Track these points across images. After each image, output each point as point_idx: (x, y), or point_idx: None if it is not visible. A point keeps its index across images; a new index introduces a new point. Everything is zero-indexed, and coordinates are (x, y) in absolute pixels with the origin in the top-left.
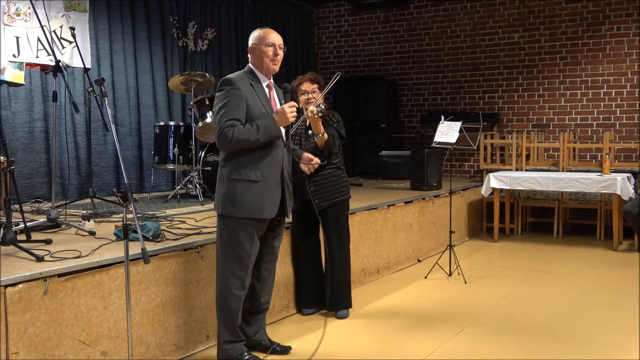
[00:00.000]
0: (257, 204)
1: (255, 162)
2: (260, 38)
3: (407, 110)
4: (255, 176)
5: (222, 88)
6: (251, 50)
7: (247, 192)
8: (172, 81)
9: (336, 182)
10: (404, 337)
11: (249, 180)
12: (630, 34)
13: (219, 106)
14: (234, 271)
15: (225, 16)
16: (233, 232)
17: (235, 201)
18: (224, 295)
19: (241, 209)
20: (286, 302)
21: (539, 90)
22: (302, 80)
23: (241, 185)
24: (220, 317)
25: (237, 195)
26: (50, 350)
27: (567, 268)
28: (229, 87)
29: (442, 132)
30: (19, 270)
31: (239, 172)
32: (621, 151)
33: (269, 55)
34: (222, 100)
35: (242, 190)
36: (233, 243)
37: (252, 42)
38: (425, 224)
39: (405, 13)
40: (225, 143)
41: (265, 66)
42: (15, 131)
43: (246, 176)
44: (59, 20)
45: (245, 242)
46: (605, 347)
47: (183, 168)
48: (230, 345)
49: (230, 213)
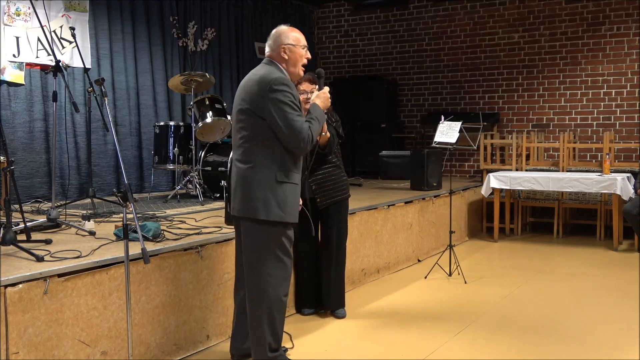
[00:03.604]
0: (297, 207)
1: (296, 166)
2: (296, 39)
3: (407, 110)
4: (297, 179)
5: (281, 89)
6: (287, 49)
7: (294, 194)
8: (172, 81)
9: (336, 180)
10: (404, 337)
11: (294, 183)
12: (630, 34)
13: (286, 109)
14: (280, 278)
15: (225, 16)
16: (278, 238)
17: (286, 205)
18: (272, 305)
19: (290, 212)
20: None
21: (539, 90)
22: (301, 80)
23: (290, 188)
24: (267, 328)
25: (288, 198)
26: (50, 350)
27: (567, 268)
28: (288, 87)
29: (442, 132)
30: (19, 270)
31: (288, 175)
32: (621, 151)
33: (303, 60)
34: (288, 102)
35: (291, 194)
36: (277, 249)
37: (289, 41)
38: (425, 224)
39: (405, 13)
40: (306, 143)
41: (297, 71)
42: (15, 131)
43: (292, 179)
44: (59, 20)
45: (289, 246)
46: (605, 347)
47: (183, 168)
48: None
49: (281, 218)
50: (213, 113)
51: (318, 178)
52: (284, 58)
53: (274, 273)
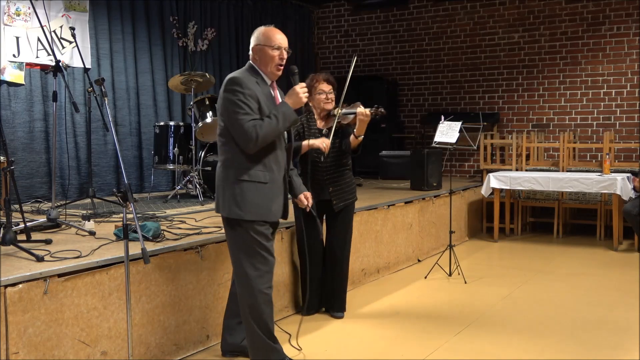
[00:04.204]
0: (266, 206)
1: (264, 164)
2: (266, 39)
3: (407, 110)
4: (264, 177)
5: (232, 88)
6: (255, 50)
7: (256, 194)
8: (172, 81)
9: (349, 183)
10: (404, 337)
11: (258, 181)
12: (630, 34)
13: (233, 109)
14: (259, 271)
15: (225, 16)
16: (247, 235)
17: (244, 203)
18: (253, 301)
19: (250, 211)
20: (286, 302)
21: (539, 90)
22: (319, 79)
23: (251, 186)
24: (254, 325)
25: (246, 197)
26: (50, 350)
27: (567, 268)
28: (239, 87)
29: (442, 132)
30: (19, 270)
31: (248, 174)
32: (621, 151)
33: (275, 61)
34: (236, 102)
35: (251, 192)
36: (251, 245)
37: (257, 41)
38: (425, 224)
39: (405, 13)
40: (253, 143)
41: (270, 71)
42: (15, 131)
43: (255, 177)
44: (59, 20)
45: (263, 240)
46: (605, 347)
47: (183, 168)
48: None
49: (239, 216)
50: (213, 113)
51: (336, 180)
52: (256, 59)
53: (252, 267)
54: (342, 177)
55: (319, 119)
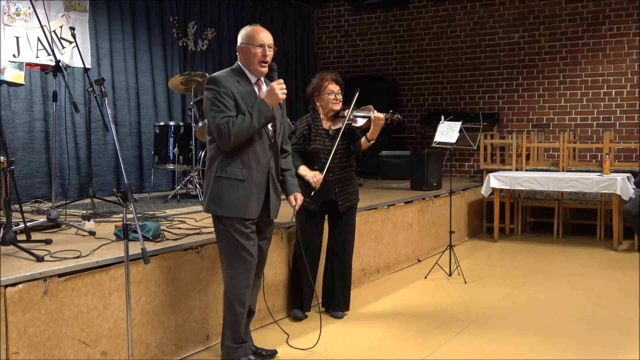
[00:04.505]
0: (242, 203)
1: (242, 161)
2: (249, 37)
3: (407, 110)
4: (241, 175)
5: (209, 87)
6: (240, 49)
7: (232, 190)
8: (172, 81)
9: (354, 183)
10: (404, 337)
11: (234, 178)
12: (630, 34)
13: (209, 107)
14: (236, 271)
15: (225, 16)
16: (225, 231)
17: (220, 200)
18: (230, 296)
19: (225, 207)
20: (285, 302)
21: (539, 90)
22: (328, 79)
23: (227, 183)
24: (226, 319)
25: (222, 193)
26: (50, 350)
27: (567, 268)
28: (215, 85)
29: (442, 132)
30: (19, 270)
31: (225, 170)
32: (621, 151)
33: (258, 57)
34: (210, 100)
35: (227, 189)
36: (229, 242)
37: (241, 40)
38: (425, 224)
39: (405, 13)
40: (225, 139)
41: (254, 68)
42: (15, 131)
43: (232, 174)
44: (59, 20)
45: (241, 239)
46: (605, 347)
47: (183, 168)
48: (236, 346)
49: (215, 212)
50: None
51: (342, 181)
52: (241, 58)
53: (229, 266)
54: (347, 178)
55: (325, 119)
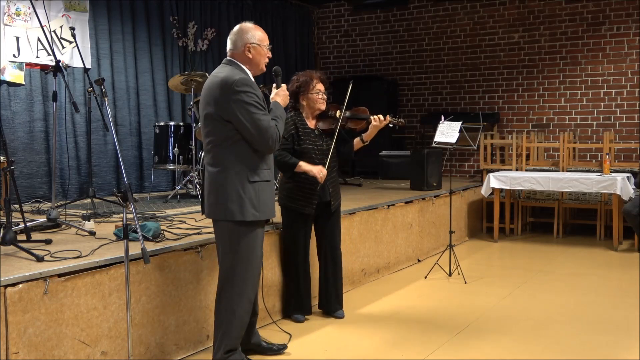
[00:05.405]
0: (271, 204)
1: (267, 162)
2: (261, 39)
3: (407, 110)
4: (269, 176)
5: (244, 90)
6: (252, 47)
7: (266, 193)
8: (172, 81)
9: (338, 182)
10: (403, 337)
11: (266, 180)
12: (630, 34)
13: (251, 109)
14: (247, 279)
15: (225, 16)
16: (247, 238)
17: (259, 204)
18: (234, 305)
19: (264, 211)
20: (285, 303)
21: (539, 90)
22: (316, 78)
23: (262, 186)
24: (227, 326)
25: (261, 197)
26: (50, 350)
27: (567, 268)
28: (250, 88)
29: (442, 132)
30: (19, 270)
31: (258, 174)
32: (621, 151)
33: (266, 59)
34: (252, 103)
35: (263, 192)
36: (246, 250)
37: (254, 40)
38: (425, 224)
39: (405, 13)
40: (275, 141)
41: (261, 68)
42: (15, 131)
43: (264, 177)
44: (59, 20)
45: (258, 247)
46: (605, 347)
47: (183, 168)
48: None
49: (255, 217)
50: None
51: (332, 181)
52: (248, 57)
53: (242, 274)
54: (336, 177)
55: (310, 118)
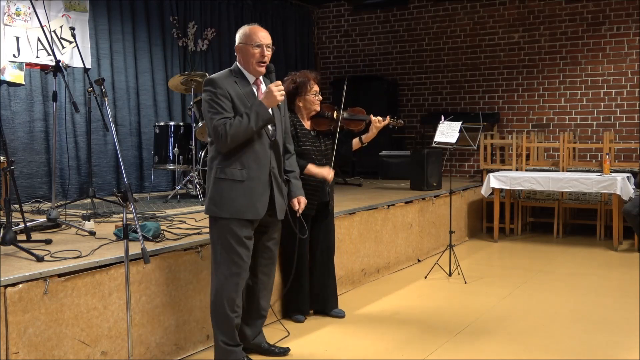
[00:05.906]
0: (243, 203)
1: (240, 161)
2: (247, 37)
3: (407, 110)
4: (240, 176)
5: (206, 89)
6: (238, 49)
7: (232, 191)
8: (172, 81)
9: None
10: (403, 337)
11: (234, 179)
12: (630, 34)
13: (206, 108)
14: (226, 274)
15: (225, 16)
16: (221, 233)
17: (220, 201)
18: (218, 299)
19: (226, 209)
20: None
21: (539, 90)
22: (312, 79)
23: (227, 184)
24: (215, 322)
25: (223, 195)
26: (50, 350)
27: (567, 268)
28: (211, 87)
29: (442, 132)
30: (19, 270)
31: (225, 172)
32: (621, 151)
33: (256, 57)
34: (207, 102)
35: (227, 190)
36: (223, 244)
37: (239, 40)
38: (425, 224)
39: (405, 13)
40: (222, 141)
41: (252, 68)
42: (15, 131)
43: (232, 175)
44: (59, 20)
45: (235, 243)
46: (605, 347)
47: (183, 168)
48: (229, 348)
49: (215, 213)
50: None
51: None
52: (239, 59)
53: (222, 268)
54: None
55: (306, 119)
